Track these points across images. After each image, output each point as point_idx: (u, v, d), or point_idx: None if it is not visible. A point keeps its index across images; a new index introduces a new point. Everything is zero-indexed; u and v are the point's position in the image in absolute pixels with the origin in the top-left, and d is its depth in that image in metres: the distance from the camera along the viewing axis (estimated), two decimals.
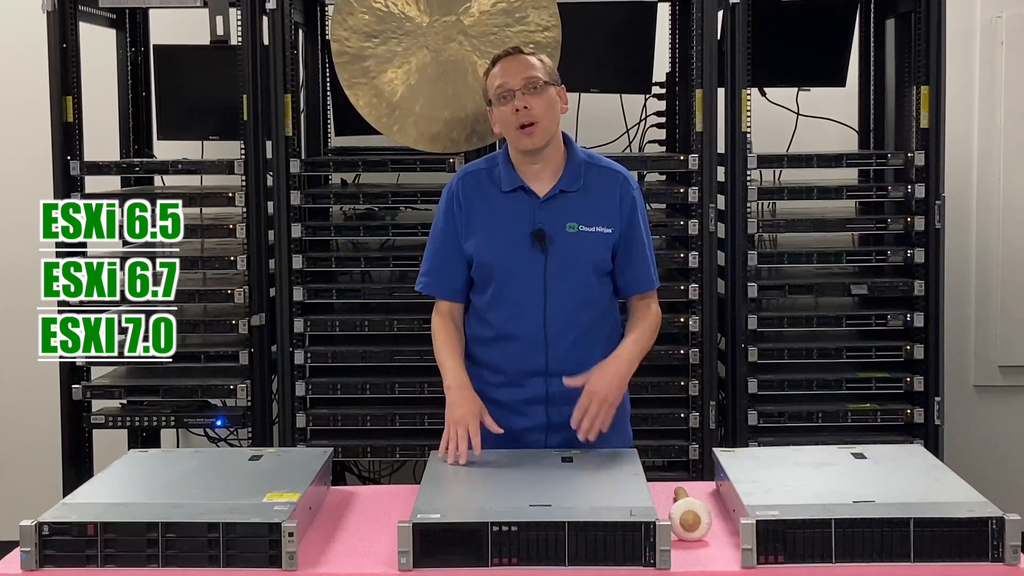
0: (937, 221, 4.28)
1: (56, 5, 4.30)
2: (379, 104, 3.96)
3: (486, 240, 3.14)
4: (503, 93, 3.10)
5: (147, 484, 2.81)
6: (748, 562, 2.46)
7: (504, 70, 3.12)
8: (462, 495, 2.76)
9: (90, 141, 4.46)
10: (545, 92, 3.09)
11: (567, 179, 3.15)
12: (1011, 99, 5.21)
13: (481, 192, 3.17)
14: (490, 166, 3.21)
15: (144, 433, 4.86)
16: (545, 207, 3.13)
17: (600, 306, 3.18)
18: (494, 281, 3.14)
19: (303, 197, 4.32)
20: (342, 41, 3.94)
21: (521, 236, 3.11)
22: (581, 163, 3.17)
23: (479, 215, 3.16)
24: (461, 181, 3.20)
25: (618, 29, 4.60)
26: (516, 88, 3.08)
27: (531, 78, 3.08)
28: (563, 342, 3.13)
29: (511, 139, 3.13)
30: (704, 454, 4.25)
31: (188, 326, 4.43)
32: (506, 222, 3.13)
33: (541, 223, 3.11)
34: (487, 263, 3.13)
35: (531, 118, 3.06)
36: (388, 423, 4.32)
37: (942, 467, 2.87)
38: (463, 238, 3.16)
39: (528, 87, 3.08)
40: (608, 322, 3.22)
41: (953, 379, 5.05)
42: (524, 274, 3.11)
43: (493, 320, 3.16)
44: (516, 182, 3.14)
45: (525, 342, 3.12)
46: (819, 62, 4.68)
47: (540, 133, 3.08)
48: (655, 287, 3.23)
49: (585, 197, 3.14)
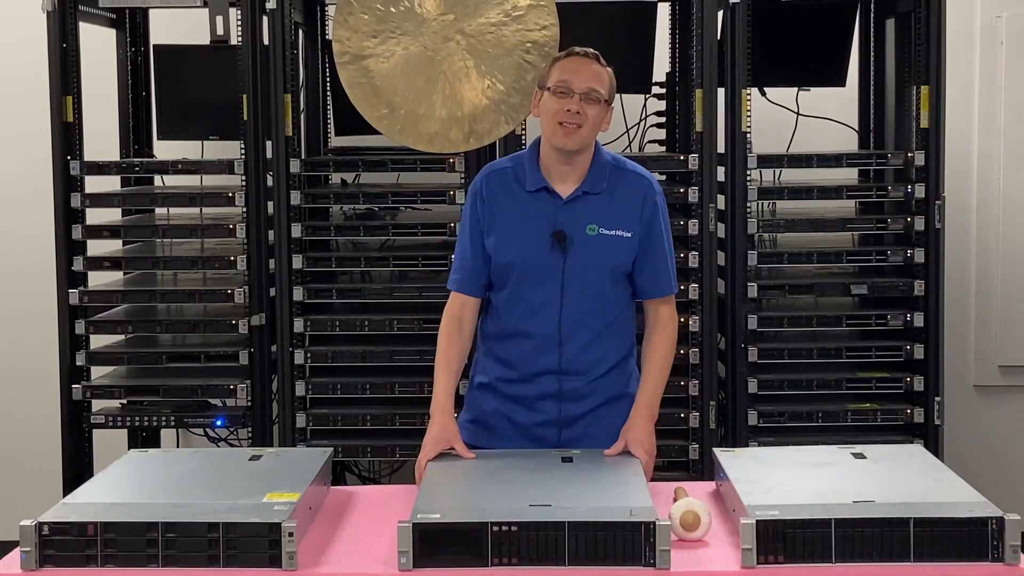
0: (937, 221, 4.28)
1: (56, 5, 4.30)
2: (379, 104, 3.96)
3: (506, 239, 3.14)
4: (564, 88, 3.08)
5: (147, 484, 2.81)
6: (748, 562, 2.45)
7: (575, 68, 3.10)
8: (462, 495, 2.76)
9: (90, 141, 4.46)
10: (600, 105, 3.10)
11: (591, 181, 3.15)
12: (1011, 99, 5.21)
13: (505, 190, 3.17)
14: (515, 164, 3.21)
15: (144, 433, 4.86)
16: (567, 208, 3.13)
17: (616, 309, 3.19)
18: (512, 280, 3.15)
19: (303, 197, 4.32)
20: (343, 41, 3.94)
21: (542, 236, 3.12)
22: (606, 165, 3.17)
23: (501, 213, 3.16)
24: (485, 179, 3.21)
25: (618, 29, 4.60)
26: (578, 91, 3.07)
27: (595, 91, 3.08)
28: (577, 342, 3.14)
29: (548, 131, 3.11)
30: (704, 454, 4.25)
31: (188, 326, 4.43)
32: (527, 222, 3.13)
33: (562, 224, 3.11)
34: (506, 261, 3.14)
35: (579, 121, 3.06)
36: (388, 423, 4.32)
37: (942, 467, 2.87)
38: (485, 235, 3.17)
39: (590, 96, 3.08)
40: (623, 324, 3.23)
41: (953, 379, 5.05)
42: (542, 274, 3.12)
43: (508, 318, 3.16)
44: (540, 182, 3.15)
45: (539, 340, 3.13)
46: (819, 62, 4.68)
47: (580, 138, 3.08)
48: (672, 292, 3.24)
49: (608, 200, 3.15)
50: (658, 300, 3.23)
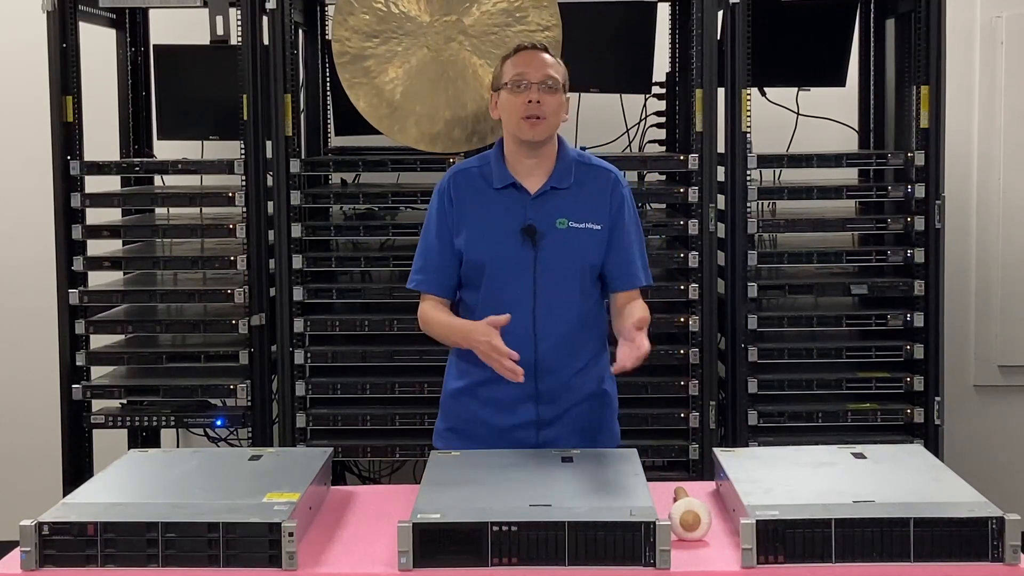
0: (937, 221, 4.28)
1: (56, 5, 4.30)
2: (379, 104, 3.96)
3: (477, 236, 3.15)
4: (519, 81, 3.11)
5: (147, 484, 2.81)
6: (748, 562, 2.46)
7: (526, 61, 3.14)
8: (462, 495, 2.76)
9: (90, 141, 4.46)
10: (558, 94, 3.13)
11: (558, 176, 3.17)
12: (1011, 99, 5.21)
13: (472, 189, 3.19)
14: (481, 164, 3.23)
15: (144, 433, 4.86)
16: (536, 204, 3.15)
17: (589, 303, 3.20)
18: (484, 277, 3.15)
19: (303, 197, 4.32)
20: (343, 41, 3.94)
21: (512, 232, 3.13)
22: (572, 161, 3.20)
23: (470, 212, 3.17)
24: (452, 179, 3.22)
25: (618, 29, 4.60)
26: (534, 82, 3.10)
27: (550, 77, 3.12)
28: (552, 338, 3.14)
29: (512, 128, 3.14)
30: (704, 454, 4.25)
31: (188, 326, 4.43)
32: (497, 218, 3.15)
33: (532, 219, 3.13)
34: (477, 259, 3.15)
35: (541, 113, 3.09)
36: (388, 423, 4.32)
37: (942, 467, 2.87)
38: (454, 234, 3.17)
39: (545, 84, 3.10)
40: (597, 319, 3.24)
41: (953, 379, 5.05)
42: (514, 270, 3.13)
43: (482, 315, 3.15)
44: (508, 179, 3.16)
45: (514, 338, 3.11)
46: (819, 62, 4.68)
47: (544, 128, 3.11)
48: (642, 284, 3.22)
49: (576, 194, 3.16)
50: (628, 293, 3.20)
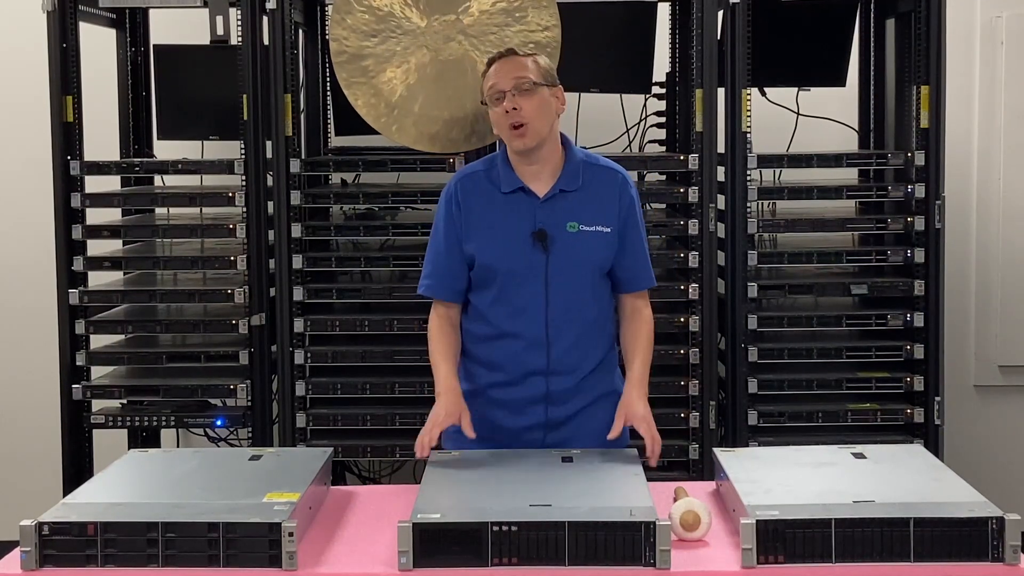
0: (937, 221, 4.28)
1: (56, 5, 4.30)
2: (378, 104, 3.95)
3: (487, 241, 3.14)
4: (495, 94, 3.12)
5: (147, 484, 2.81)
6: (748, 562, 2.46)
7: (496, 71, 3.14)
8: (462, 495, 2.76)
9: (90, 141, 4.46)
10: (536, 93, 3.10)
11: (566, 179, 3.16)
12: (1011, 99, 5.21)
13: (480, 193, 3.18)
14: (488, 167, 3.22)
15: (144, 433, 4.86)
16: (545, 207, 3.14)
17: (600, 304, 3.20)
18: (496, 282, 3.15)
19: (303, 197, 4.32)
20: (341, 40, 3.93)
21: (522, 236, 3.12)
22: (579, 163, 3.19)
23: (479, 216, 3.16)
24: (459, 183, 3.21)
25: (618, 29, 4.60)
26: (507, 89, 3.09)
27: (521, 78, 3.10)
28: (565, 340, 3.14)
29: (505, 139, 3.15)
30: (704, 454, 4.25)
31: (188, 326, 4.43)
32: (507, 223, 3.14)
33: (542, 223, 3.12)
34: (489, 264, 3.14)
35: (521, 119, 3.08)
36: (388, 423, 4.32)
37: (942, 467, 2.87)
38: (463, 240, 3.17)
39: (518, 88, 3.09)
40: (607, 321, 3.24)
41: (953, 379, 5.05)
42: (526, 274, 3.12)
43: (494, 319, 3.16)
44: (516, 183, 3.15)
45: (527, 341, 3.13)
46: (819, 62, 4.68)
47: (531, 134, 3.09)
48: (652, 285, 3.26)
49: (584, 196, 3.16)
50: (635, 295, 3.24)
